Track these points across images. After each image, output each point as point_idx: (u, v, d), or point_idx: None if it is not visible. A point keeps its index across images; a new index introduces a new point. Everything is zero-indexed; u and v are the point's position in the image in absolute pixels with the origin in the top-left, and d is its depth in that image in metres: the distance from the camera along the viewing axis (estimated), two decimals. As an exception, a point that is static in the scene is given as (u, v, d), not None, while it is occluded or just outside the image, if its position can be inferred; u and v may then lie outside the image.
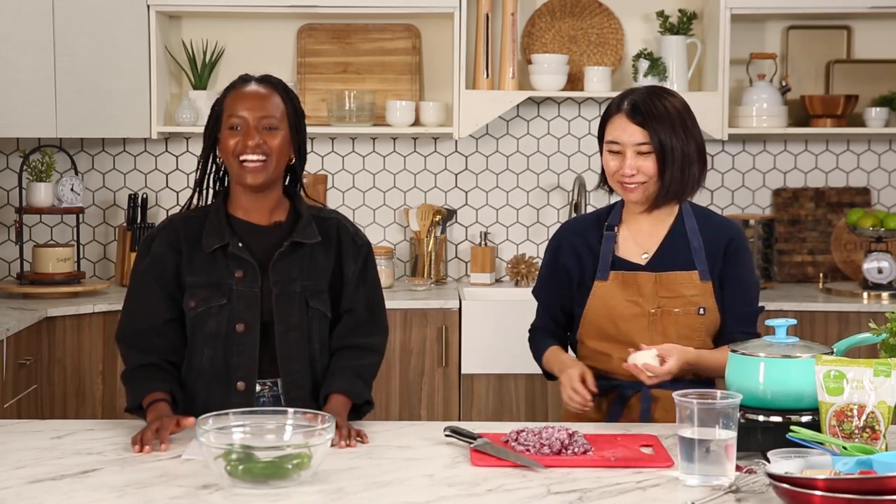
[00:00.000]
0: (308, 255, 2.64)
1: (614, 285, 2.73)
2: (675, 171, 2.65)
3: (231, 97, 2.63)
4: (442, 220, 4.89)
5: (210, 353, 2.60)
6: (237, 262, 2.61)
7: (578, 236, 2.81)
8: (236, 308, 2.59)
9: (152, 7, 4.59)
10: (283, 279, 2.61)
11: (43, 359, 4.17)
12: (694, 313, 2.70)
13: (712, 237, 2.75)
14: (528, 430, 2.33)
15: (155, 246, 2.65)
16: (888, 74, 4.90)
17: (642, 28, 4.92)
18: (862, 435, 2.17)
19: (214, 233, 2.62)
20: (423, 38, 4.91)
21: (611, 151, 2.69)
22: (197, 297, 2.60)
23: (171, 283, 2.63)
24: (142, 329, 2.62)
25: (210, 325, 2.59)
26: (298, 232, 2.64)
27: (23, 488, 2.08)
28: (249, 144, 2.57)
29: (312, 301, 2.63)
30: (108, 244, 4.93)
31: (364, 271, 2.71)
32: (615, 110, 2.70)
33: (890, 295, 4.52)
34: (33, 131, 4.49)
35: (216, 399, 2.56)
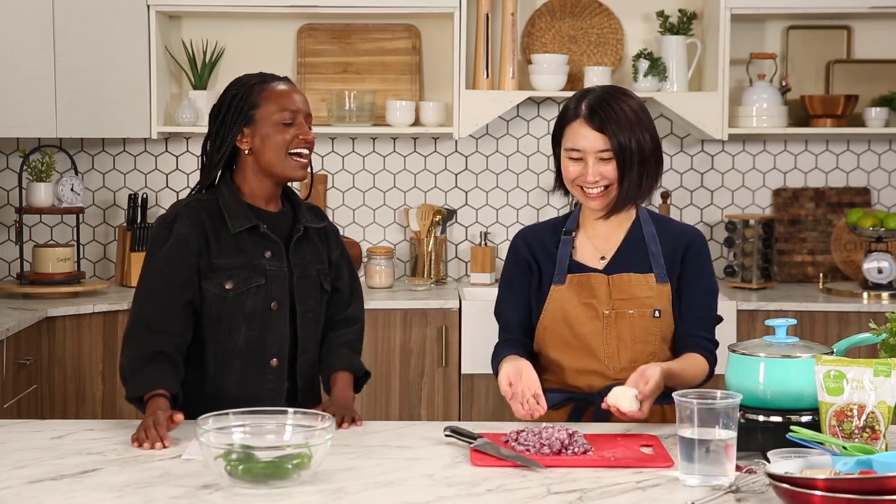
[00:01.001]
0: (312, 239, 2.76)
1: (569, 289, 2.68)
2: (634, 176, 2.61)
3: (272, 93, 2.67)
4: (442, 220, 4.89)
5: (247, 332, 2.65)
6: (266, 242, 2.68)
7: (536, 241, 2.76)
8: (271, 287, 2.66)
9: (152, 7, 4.59)
10: (301, 262, 2.72)
11: (43, 359, 4.17)
12: (649, 315, 2.65)
13: (671, 242, 2.70)
14: (528, 430, 2.33)
15: (177, 228, 2.65)
16: (888, 74, 4.90)
17: (642, 28, 4.92)
18: (862, 435, 2.17)
19: (239, 214, 2.67)
20: (423, 38, 4.91)
21: (571, 158, 2.64)
22: (235, 279, 2.64)
23: (193, 266, 2.64)
24: (162, 309, 2.62)
25: (248, 305, 2.65)
26: (305, 217, 2.75)
27: (23, 488, 2.08)
28: (308, 139, 2.68)
29: (325, 283, 2.76)
30: (108, 244, 4.93)
31: (343, 253, 2.85)
32: (572, 115, 2.63)
33: (890, 295, 4.52)
34: (33, 131, 4.49)
35: (250, 378, 2.65)
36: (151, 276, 2.66)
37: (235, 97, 2.68)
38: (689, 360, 2.64)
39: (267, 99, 2.67)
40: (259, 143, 2.66)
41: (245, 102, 2.67)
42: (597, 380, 2.66)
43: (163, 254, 2.65)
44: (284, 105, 2.66)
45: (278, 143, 2.65)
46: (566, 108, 2.66)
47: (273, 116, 2.66)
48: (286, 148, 2.66)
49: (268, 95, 2.67)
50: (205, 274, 2.64)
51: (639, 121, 2.61)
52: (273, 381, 2.67)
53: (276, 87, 2.69)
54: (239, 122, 2.66)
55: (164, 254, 2.65)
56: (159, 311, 2.62)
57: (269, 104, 2.66)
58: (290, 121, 2.66)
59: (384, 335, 4.39)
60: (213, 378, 2.67)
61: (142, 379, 2.55)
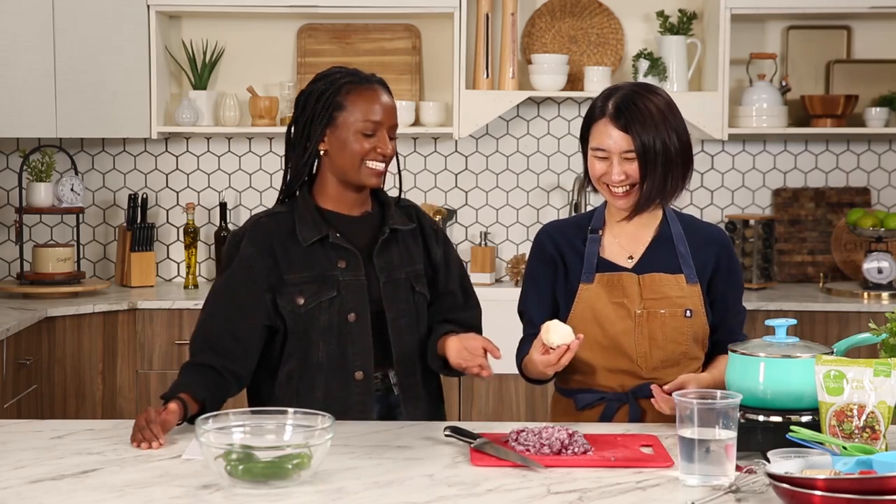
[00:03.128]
0: (402, 241, 2.69)
1: (599, 287, 2.66)
2: (658, 177, 2.59)
3: (360, 98, 2.60)
4: (442, 220, 4.89)
5: (325, 347, 2.60)
6: (338, 252, 2.61)
7: (562, 237, 2.73)
8: (346, 299, 2.59)
9: (152, 7, 4.59)
10: (388, 266, 2.64)
11: (43, 359, 4.18)
12: (681, 315, 2.65)
13: (699, 245, 2.70)
14: (528, 430, 2.33)
15: (243, 247, 2.61)
16: (888, 74, 4.90)
17: (642, 28, 4.92)
18: (862, 435, 2.17)
19: (309, 226, 2.61)
20: (423, 38, 4.91)
21: (597, 157, 2.62)
22: (306, 294, 2.59)
23: (260, 286, 2.59)
24: (219, 330, 2.58)
25: (322, 320, 2.59)
26: (393, 219, 2.67)
27: (23, 488, 2.08)
28: (386, 153, 2.61)
29: (417, 286, 2.68)
30: (108, 244, 4.93)
31: (448, 253, 2.77)
32: (599, 114, 2.61)
33: (890, 295, 4.52)
34: (33, 131, 4.49)
35: (336, 392, 2.58)
36: (216, 294, 2.63)
37: (324, 94, 2.61)
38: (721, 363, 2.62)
39: (353, 104, 2.59)
40: (336, 148, 2.60)
41: (331, 103, 2.59)
42: (629, 379, 2.64)
43: (228, 274, 2.62)
44: (368, 115, 2.58)
45: (354, 153, 2.58)
46: (593, 105, 2.65)
47: (355, 125, 2.58)
48: (362, 158, 2.59)
49: (355, 99, 2.59)
50: (279, 291, 2.59)
51: (665, 120, 2.58)
52: (361, 394, 2.57)
53: (364, 91, 2.60)
54: (323, 121, 2.59)
55: (228, 274, 2.62)
56: (217, 330, 2.59)
57: (354, 110, 2.59)
58: (371, 132, 2.59)
59: (384, 335, 4.38)
60: (299, 395, 2.59)
61: (178, 384, 2.53)
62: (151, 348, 4.40)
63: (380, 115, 2.60)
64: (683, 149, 2.62)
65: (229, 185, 4.94)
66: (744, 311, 2.76)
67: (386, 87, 2.66)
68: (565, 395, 2.73)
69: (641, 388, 2.63)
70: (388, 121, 2.62)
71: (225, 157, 4.95)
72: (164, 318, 4.40)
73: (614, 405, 2.66)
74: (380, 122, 2.60)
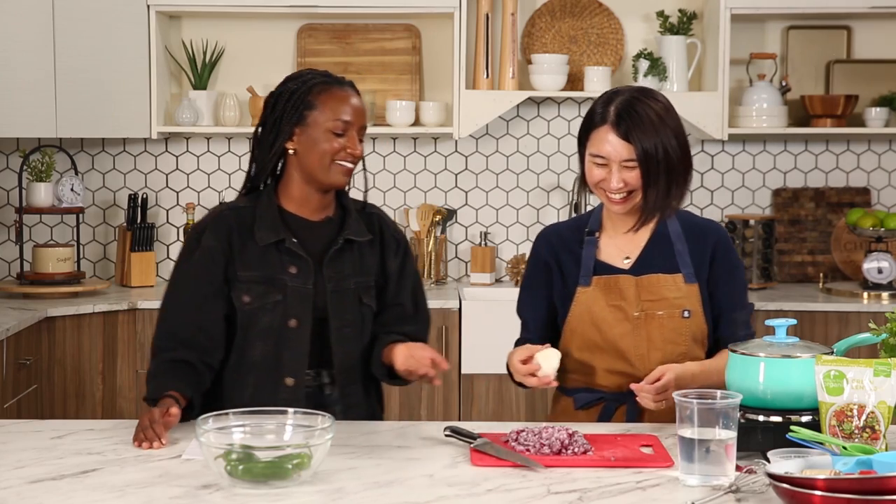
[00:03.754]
0: (357, 251, 2.68)
1: (596, 291, 2.66)
2: (662, 185, 2.57)
3: (330, 98, 2.61)
4: (442, 220, 4.89)
5: (262, 348, 2.61)
6: (291, 258, 2.62)
7: (558, 240, 2.73)
8: (290, 304, 2.60)
9: (152, 7, 4.59)
10: (337, 276, 2.64)
11: (43, 359, 4.17)
12: (678, 316, 2.64)
13: (696, 240, 2.69)
14: (528, 430, 2.33)
15: (205, 239, 2.63)
16: (888, 74, 4.90)
17: (642, 28, 4.92)
18: (862, 435, 2.17)
19: (268, 227, 2.62)
20: (423, 38, 4.91)
21: (595, 163, 2.60)
22: (252, 293, 2.60)
23: (220, 276, 2.61)
24: (188, 325, 2.60)
25: (264, 321, 2.60)
26: (350, 229, 2.67)
27: (23, 488, 2.08)
28: (356, 153, 2.62)
29: (365, 297, 2.67)
30: (108, 244, 4.93)
31: (404, 266, 2.75)
32: (599, 121, 2.58)
33: (890, 295, 4.52)
34: (33, 131, 4.49)
35: (264, 394, 2.58)
36: (178, 287, 2.64)
37: (294, 93, 2.62)
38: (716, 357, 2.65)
39: (324, 103, 2.60)
40: (305, 147, 2.61)
41: (302, 101, 2.61)
42: (627, 380, 2.63)
43: (189, 265, 2.63)
44: (338, 114, 2.60)
45: (324, 152, 2.59)
46: (592, 111, 2.62)
47: (325, 124, 2.59)
48: (331, 157, 2.60)
49: (325, 100, 2.60)
50: (232, 284, 2.61)
51: (665, 126, 2.56)
52: (287, 401, 2.55)
53: (335, 92, 2.62)
54: (292, 120, 2.61)
55: (190, 266, 2.63)
56: (185, 323, 2.60)
57: (325, 110, 2.60)
58: (341, 131, 2.60)
59: (384, 335, 4.38)
60: (228, 390, 2.62)
61: (161, 382, 2.54)
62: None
63: (350, 116, 2.61)
64: (683, 153, 2.61)
65: (229, 185, 4.94)
66: (750, 307, 2.74)
67: (356, 89, 2.68)
68: (565, 393, 2.72)
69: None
70: (358, 122, 2.63)
71: (225, 157, 4.95)
72: (164, 318, 4.39)
73: (613, 405, 2.66)
74: (350, 122, 2.61)
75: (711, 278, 2.68)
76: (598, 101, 2.64)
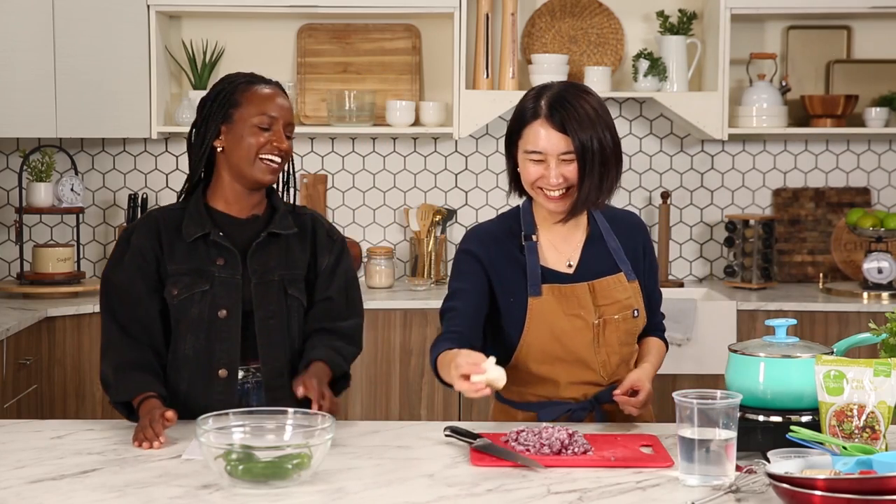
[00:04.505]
0: (284, 245, 2.70)
1: (551, 300, 2.57)
2: (595, 178, 2.51)
3: (255, 95, 2.65)
4: (442, 220, 4.89)
5: (193, 341, 2.62)
6: (218, 249, 2.64)
7: (494, 245, 2.62)
8: (218, 294, 2.62)
9: (152, 7, 4.59)
10: (262, 268, 2.66)
11: (43, 359, 4.17)
12: (630, 317, 2.62)
13: (628, 238, 2.67)
14: (528, 430, 2.33)
15: (134, 239, 2.67)
16: (888, 74, 4.91)
17: (642, 28, 4.92)
18: (862, 435, 2.17)
19: (195, 222, 2.65)
20: (423, 38, 4.91)
21: (531, 160, 2.53)
22: (180, 285, 2.63)
23: (154, 274, 2.64)
24: (134, 319, 2.62)
25: (193, 312, 2.62)
26: (275, 223, 2.69)
27: (23, 488, 2.08)
28: (282, 147, 2.64)
29: (290, 289, 2.68)
30: (108, 244, 4.93)
31: (338, 264, 2.76)
32: (531, 115, 2.51)
33: (890, 295, 4.52)
34: (33, 131, 4.49)
35: (199, 388, 2.60)
36: (114, 288, 2.66)
37: (220, 93, 2.67)
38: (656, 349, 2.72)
39: (248, 100, 2.64)
40: (232, 143, 2.64)
41: (228, 100, 2.65)
42: (591, 389, 2.62)
43: (123, 266, 2.66)
44: (264, 109, 2.63)
45: (250, 146, 2.62)
46: (523, 107, 2.55)
47: (251, 119, 2.62)
48: (257, 151, 2.62)
49: (250, 97, 2.64)
50: (164, 281, 2.64)
51: (599, 119, 2.50)
52: (222, 392, 2.59)
53: (260, 89, 2.66)
54: (218, 119, 2.65)
55: (124, 266, 2.66)
56: (132, 320, 2.62)
57: (250, 106, 2.63)
58: (266, 126, 2.62)
59: (384, 335, 4.39)
60: (168, 387, 2.61)
61: (128, 383, 2.55)
62: (151, 348, 4.40)
63: (276, 111, 2.64)
64: (616, 148, 2.55)
65: (229, 185, 4.94)
66: (660, 293, 2.78)
67: (283, 89, 2.72)
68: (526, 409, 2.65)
69: (604, 393, 2.61)
70: (284, 117, 2.66)
71: (225, 157, 4.95)
72: (164, 318, 4.40)
73: (580, 413, 2.62)
74: (275, 118, 2.64)
75: (641, 271, 2.69)
76: (526, 97, 2.58)
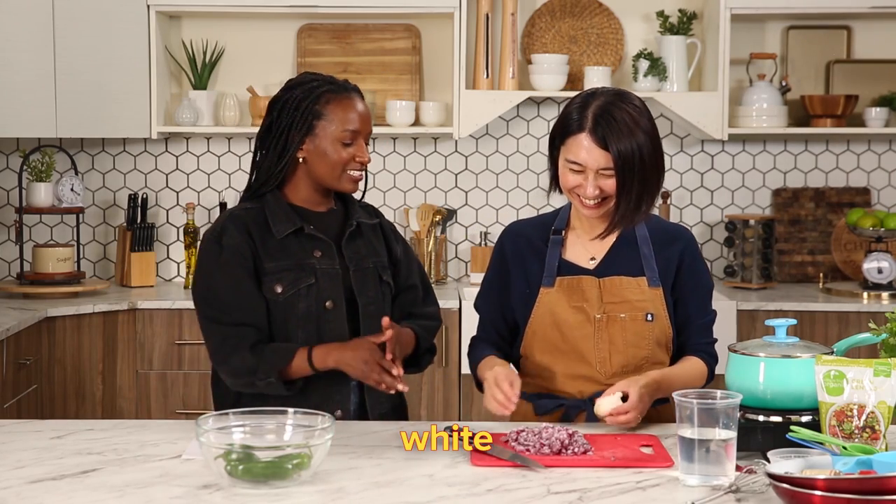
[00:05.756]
0: (366, 235, 2.75)
1: (559, 292, 2.61)
2: (632, 196, 2.51)
3: (338, 107, 2.63)
4: (442, 220, 4.89)
5: (304, 336, 2.61)
6: (314, 242, 2.66)
7: (523, 238, 2.69)
8: (323, 286, 2.63)
9: (152, 7, 4.59)
10: (356, 256, 2.70)
11: (43, 359, 4.18)
12: (642, 319, 2.60)
13: (664, 246, 2.65)
14: (528, 430, 2.33)
15: (226, 240, 2.62)
16: (888, 74, 4.91)
17: (642, 28, 4.93)
18: (862, 435, 2.17)
19: (283, 219, 2.65)
20: (423, 38, 4.91)
21: (571, 169, 2.54)
22: (284, 281, 2.61)
23: (254, 272, 2.62)
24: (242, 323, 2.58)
25: (301, 307, 2.61)
26: (358, 214, 2.74)
27: (23, 488, 2.09)
28: (364, 161, 2.66)
29: (384, 276, 2.73)
30: (108, 244, 4.94)
31: (407, 250, 2.84)
32: (576, 127, 2.51)
33: (890, 295, 4.53)
34: (33, 131, 4.49)
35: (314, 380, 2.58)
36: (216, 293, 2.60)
37: (301, 102, 2.62)
38: (685, 364, 2.62)
39: (332, 113, 2.62)
40: (315, 157, 2.63)
41: (309, 111, 2.62)
42: (588, 386, 2.61)
43: (221, 268, 2.61)
44: (347, 125, 2.62)
45: (335, 162, 2.62)
46: (569, 115, 2.55)
47: (335, 134, 2.62)
48: (342, 168, 2.63)
49: (334, 109, 2.62)
50: (262, 279, 2.61)
51: (642, 131, 2.51)
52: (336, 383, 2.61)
53: (342, 100, 2.63)
54: (301, 130, 2.62)
55: (222, 267, 2.60)
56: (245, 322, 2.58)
57: (333, 120, 2.62)
58: (349, 141, 2.63)
59: (384, 335, 4.38)
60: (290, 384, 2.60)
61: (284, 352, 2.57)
62: (151, 348, 4.40)
63: (357, 125, 2.64)
64: (657, 158, 2.55)
65: (229, 185, 4.95)
66: (713, 314, 2.70)
67: (361, 94, 2.71)
68: (526, 398, 2.67)
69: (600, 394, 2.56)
70: (364, 129, 2.67)
71: (225, 157, 4.95)
72: (164, 318, 4.40)
73: (573, 411, 2.61)
74: (358, 132, 2.64)
75: (677, 284, 2.64)
76: (573, 103, 2.56)
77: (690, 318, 2.65)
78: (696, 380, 2.62)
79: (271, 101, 2.68)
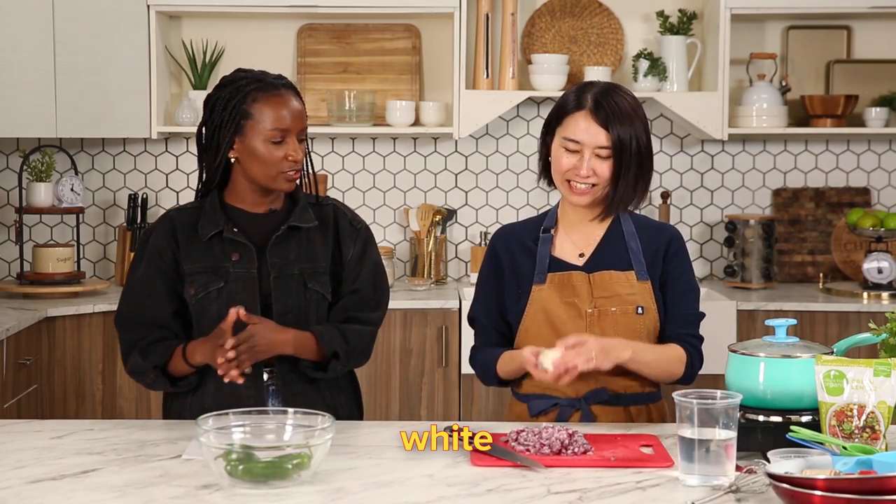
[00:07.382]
0: (305, 239, 2.68)
1: (551, 288, 2.63)
2: (630, 178, 2.57)
3: (266, 105, 2.60)
4: (442, 220, 4.89)
5: None
6: (233, 245, 2.64)
7: (513, 239, 2.71)
8: (234, 290, 2.62)
9: (152, 7, 4.59)
10: (281, 262, 2.65)
11: (43, 359, 4.17)
12: (632, 312, 2.61)
13: (650, 240, 2.67)
14: (528, 430, 2.33)
15: (152, 240, 2.67)
16: (888, 74, 4.91)
17: (642, 28, 4.92)
18: (862, 435, 2.17)
19: (210, 221, 2.65)
20: (423, 38, 4.91)
21: (567, 149, 2.58)
22: (196, 284, 2.63)
23: (172, 275, 2.65)
24: (145, 324, 2.64)
25: (212, 311, 2.61)
26: (295, 216, 2.68)
27: (23, 488, 2.09)
28: (297, 159, 2.61)
29: (311, 283, 2.66)
30: (108, 244, 4.94)
31: (363, 253, 2.74)
32: (575, 106, 2.57)
33: (890, 295, 4.52)
34: (33, 131, 4.49)
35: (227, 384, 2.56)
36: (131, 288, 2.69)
37: (229, 102, 2.62)
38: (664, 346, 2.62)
39: (260, 112, 2.59)
40: (247, 157, 2.61)
41: (237, 111, 2.60)
42: (582, 383, 2.60)
43: (141, 267, 2.67)
44: (276, 123, 2.58)
45: (266, 162, 2.59)
46: (566, 98, 2.61)
47: (264, 133, 2.59)
48: (274, 167, 2.60)
49: (261, 108, 2.59)
50: (181, 281, 2.65)
51: (638, 119, 2.58)
52: (250, 388, 2.59)
53: (270, 98, 2.60)
54: (230, 130, 2.61)
55: (142, 267, 2.67)
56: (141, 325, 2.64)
57: (262, 119, 2.59)
58: (280, 139, 2.59)
59: (384, 335, 4.38)
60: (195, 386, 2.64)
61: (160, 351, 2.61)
62: (151, 348, 4.40)
63: (288, 122, 2.60)
64: (649, 150, 2.62)
65: (229, 185, 4.94)
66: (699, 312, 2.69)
67: (293, 89, 2.66)
68: (520, 399, 2.69)
69: (594, 393, 2.61)
70: (296, 126, 2.61)
71: (225, 157, 4.95)
72: (164, 318, 4.39)
73: (567, 410, 2.62)
74: (288, 129, 2.60)
75: (662, 275, 2.66)
76: (570, 90, 2.63)
77: (672, 308, 2.66)
78: (670, 360, 2.60)
79: (205, 101, 2.70)
